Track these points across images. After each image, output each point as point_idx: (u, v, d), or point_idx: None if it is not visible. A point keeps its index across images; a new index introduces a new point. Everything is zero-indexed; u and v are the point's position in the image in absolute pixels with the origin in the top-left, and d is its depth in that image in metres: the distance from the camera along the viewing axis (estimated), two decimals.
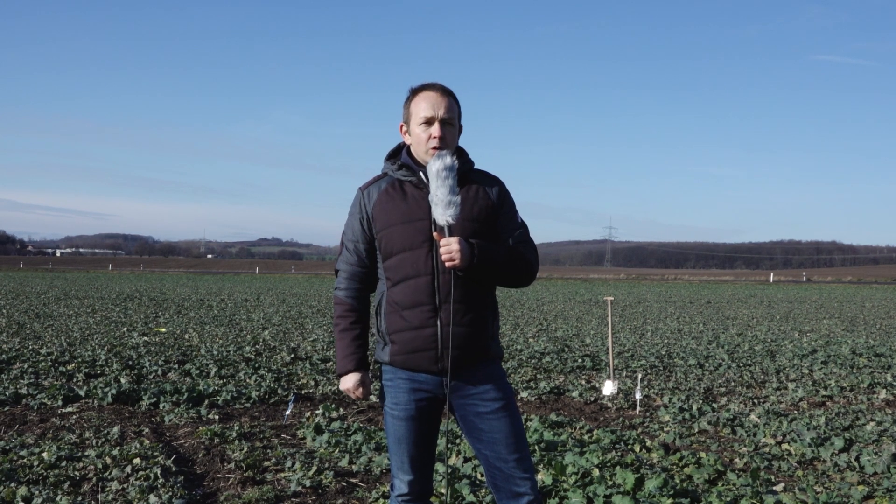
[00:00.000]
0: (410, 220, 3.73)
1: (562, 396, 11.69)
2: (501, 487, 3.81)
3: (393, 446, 3.85)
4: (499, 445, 3.77)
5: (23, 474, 6.78)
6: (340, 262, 3.97)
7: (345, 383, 3.95)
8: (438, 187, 3.62)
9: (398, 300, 3.76)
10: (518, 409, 3.94)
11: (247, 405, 10.50)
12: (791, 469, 7.59)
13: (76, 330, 20.28)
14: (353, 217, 3.88)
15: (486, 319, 3.81)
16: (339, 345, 3.97)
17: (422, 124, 3.74)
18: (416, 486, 3.84)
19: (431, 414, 3.83)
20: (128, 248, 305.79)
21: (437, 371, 3.74)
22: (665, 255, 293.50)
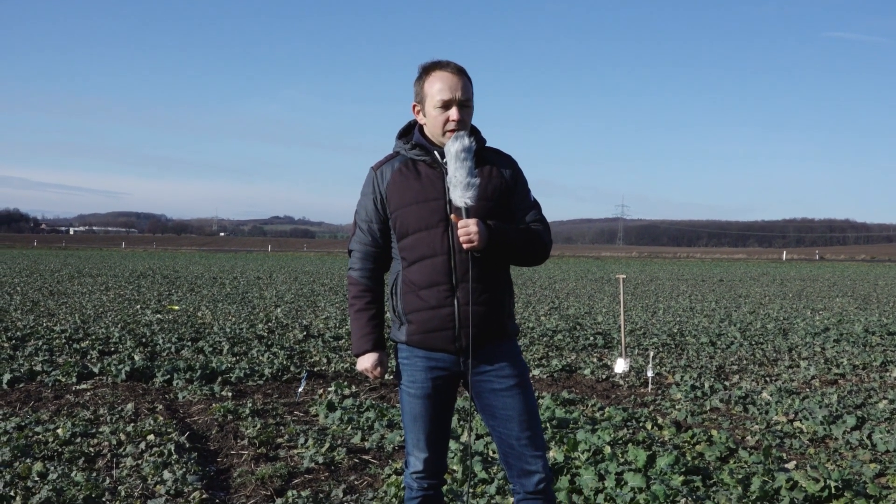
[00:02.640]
0: (426, 200, 3.72)
1: (573, 374, 11.71)
2: (513, 465, 3.83)
3: (409, 424, 3.87)
4: (512, 423, 3.78)
5: (38, 450, 6.83)
6: (354, 243, 3.96)
7: (362, 363, 3.96)
8: (457, 169, 3.62)
9: (414, 280, 3.76)
10: (532, 386, 3.95)
11: (259, 382, 10.54)
12: (803, 447, 7.60)
13: (90, 307, 20.37)
14: (367, 197, 3.86)
15: (503, 298, 3.83)
16: (355, 325, 3.97)
17: (438, 107, 3.71)
18: (431, 464, 3.86)
19: (447, 392, 3.85)
20: (140, 227, 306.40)
21: (454, 350, 3.74)
22: (677, 234, 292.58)
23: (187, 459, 6.68)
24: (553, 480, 3.93)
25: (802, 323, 19.75)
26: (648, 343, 15.16)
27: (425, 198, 3.72)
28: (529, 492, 3.83)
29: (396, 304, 3.86)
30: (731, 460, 6.99)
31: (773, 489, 5.92)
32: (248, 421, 8.15)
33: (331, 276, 42.88)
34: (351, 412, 8.46)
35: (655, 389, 10.54)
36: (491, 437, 3.94)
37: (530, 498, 3.84)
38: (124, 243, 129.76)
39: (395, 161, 3.83)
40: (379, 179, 3.81)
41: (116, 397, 9.29)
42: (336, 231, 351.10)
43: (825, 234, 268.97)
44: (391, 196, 3.78)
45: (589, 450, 6.89)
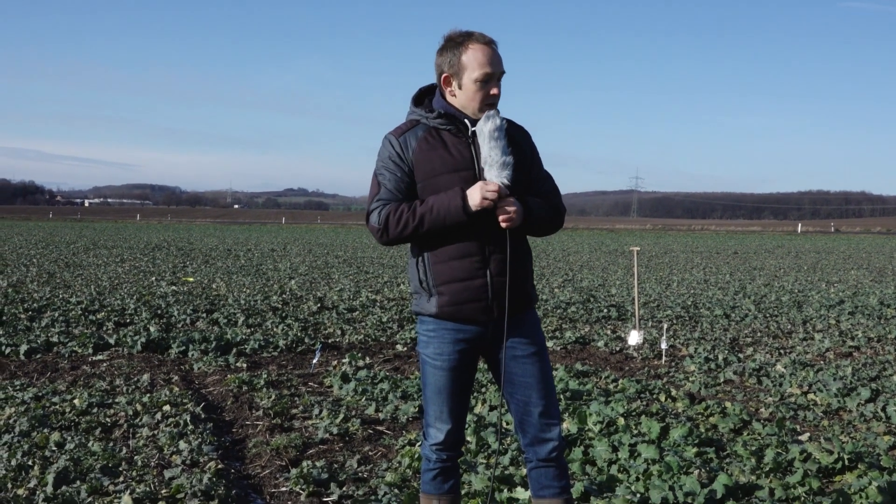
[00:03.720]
0: (456, 170, 3.68)
1: (587, 346, 11.72)
2: (528, 432, 3.85)
3: (432, 396, 3.85)
4: (530, 389, 3.81)
5: (55, 420, 6.89)
6: (376, 202, 3.76)
7: (473, 197, 3.60)
8: (492, 149, 3.61)
9: (446, 251, 3.71)
10: (548, 356, 3.97)
11: (274, 354, 10.59)
12: (817, 419, 7.60)
13: (105, 279, 20.46)
14: (391, 164, 3.74)
15: (528, 267, 3.87)
16: (428, 206, 3.64)
17: (478, 81, 3.66)
18: (451, 436, 3.86)
19: (471, 364, 3.86)
20: (155, 199, 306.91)
21: (484, 321, 3.74)
22: (692, 206, 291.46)
23: (203, 430, 6.72)
24: (566, 449, 3.94)
25: (817, 295, 19.69)
26: (662, 315, 15.15)
27: (455, 167, 3.69)
28: (542, 459, 3.86)
29: (425, 274, 3.78)
30: (744, 432, 7.00)
31: (786, 461, 5.93)
32: (262, 392, 8.19)
33: (345, 248, 42.94)
34: (365, 383, 8.49)
35: (669, 361, 10.54)
36: (507, 404, 3.93)
37: (542, 465, 3.87)
38: (139, 215, 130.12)
39: (418, 129, 3.76)
40: (403, 147, 3.73)
41: (132, 368, 9.35)
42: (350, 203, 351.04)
43: (841, 207, 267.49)
44: (419, 165, 3.71)
45: (602, 421, 6.90)
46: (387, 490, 5.32)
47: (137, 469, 5.70)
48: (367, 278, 22.78)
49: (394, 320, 13.65)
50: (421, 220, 3.63)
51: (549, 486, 3.88)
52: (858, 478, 5.59)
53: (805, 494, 5.32)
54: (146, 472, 5.66)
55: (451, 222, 3.62)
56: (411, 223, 3.64)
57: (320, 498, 5.38)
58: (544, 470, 3.87)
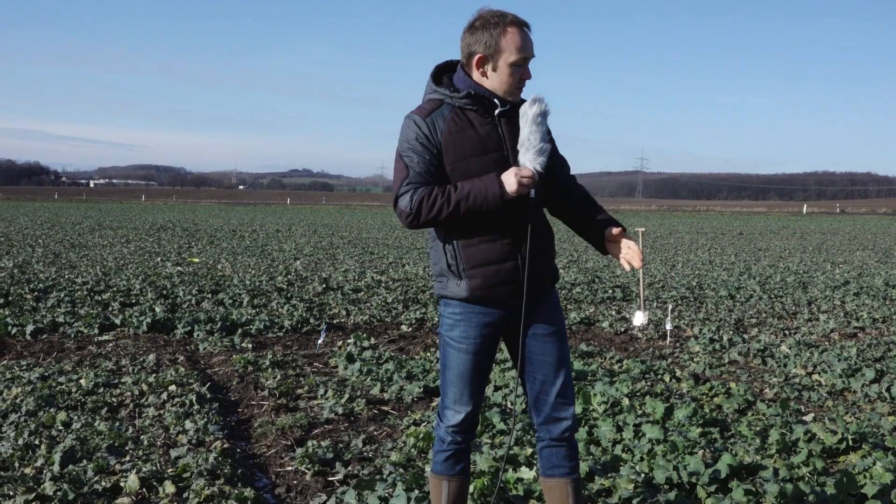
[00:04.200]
0: (486, 152, 3.65)
1: (592, 327, 11.73)
2: (542, 410, 3.84)
3: (453, 379, 3.82)
4: (548, 368, 3.80)
5: (61, 400, 6.92)
6: (405, 186, 3.67)
7: (509, 184, 3.56)
8: (532, 132, 3.60)
9: (477, 234, 3.68)
10: (567, 334, 3.97)
11: (279, 334, 10.61)
12: (821, 399, 7.60)
13: (111, 260, 20.49)
14: (419, 146, 3.65)
15: (552, 246, 3.89)
16: (466, 193, 3.59)
17: (516, 64, 3.63)
18: (468, 419, 3.85)
19: (494, 347, 3.85)
20: (160, 180, 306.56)
21: (513, 303, 3.73)
22: (697, 187, 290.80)
23: (208, 409, 6.75)
24: (577, 430, 3.94)
25: (822, 276, 19.67)
26: (667, 296, 15.15)
27: (485, 150, 3.65)
28: (555, 438, 3.86)
29: (455, 258, 3.72)
30: (749, 412, 7.01)
31: (790, 441, 5.94)
32: (268, 372, 8.21)
33: (349, 228, 42.95)
34: (370, 364, 8.51)
35: (674, 342, 10.55)
36: (522, 383, 3.91)
37: (555, 445, 3.87)
38: (144, 196, 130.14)
39: (444, 109, 3.70)
40: (432, 128, 3.65)
41: (138, 348, 9.37)
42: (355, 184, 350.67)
43: (846, 188, 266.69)
44: (449, 147, 3.65)
45: (607, 402, 6.92)
46: (392, 469, 5.34)
47: (143, 448, 5.73)
48: (372, 259, 22.79)
49: (399, 301, 13.66)
50: (457, 207, 3.58)
51: (560, 466, 3.88)
52: (863, 458, 5.60)
53: (809, 474, 5.33)
54: (152, 451, 5.68)
55: (487, 209, 3.59)
56: (446, 209, 3.59)
57: (325, 477, 5.40)
58: (556, 449, 3.87)
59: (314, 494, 5.07)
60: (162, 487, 4.95)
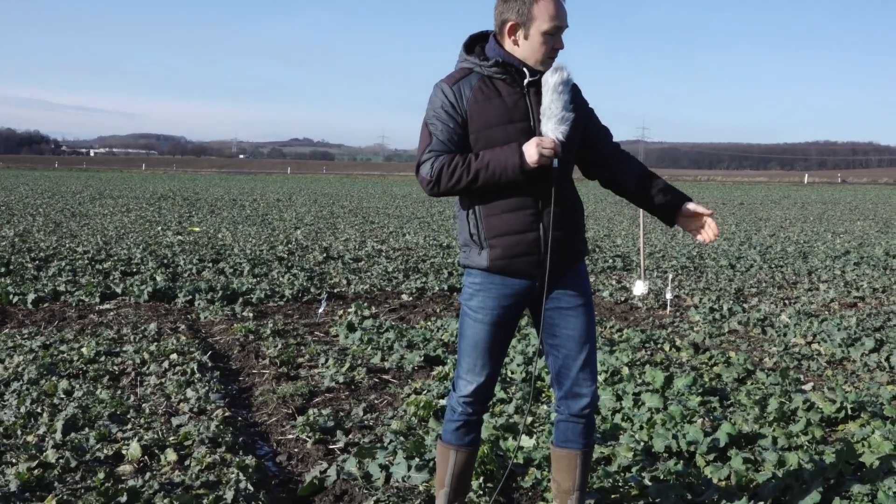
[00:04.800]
0: (511, 121, 3.61)
1: (592, 296, 11.72)
2: (564, 385, 3.82)
3: (468, 349, 3.80)
4: (572, 342, 3.77)
5: (63, 368, 6.94)
6: (428, 153, 3.68)
7: (530, 154, 3.53)
8: (553, 101, 3.56)
9: (500, 204, 3.65)
10: (594, 310, 3.94)
11: (280, 303, 10.64)
12: (820, 369, 7.63)
13: (111, 229, 20.50)
14: (444, 114, 3.64)
15: (580, 220, 3.81)
16: (486, 163, 3.57)
17: (548, 33, 3.58)
18: (481, 391, 3.82)
19: (513, 319, 3.81)
20: (160, 149, 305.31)
21: (535, 275, 3.70)
22: (698, 157, 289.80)
23: (210, 378, 6.77)
24: (597, 408, 3.90)
25: (823, 246, 19.67)
26: (667, 266, 15.16)
27: (511, 119, 3.61)
28: (574, 414, 3.83)
29: (476, 227, 3.69)
30: (748, 381, 7.03)
31: (789, 410, 5.97)
32: (269, 341, 8.24)
33: (350, 198, 42.92)
34: (371, 333, 8.53)
35: (674, 312, 10.57)
36: (545, 356, 3.89)
37: (573, 420, 3.85)
38: (144, 165, 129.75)
39: (472, 78, 3.67)
40: (458, 96, 3.63)
41: (139, 317, 9.39)
42: (355, 153, 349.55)
43: (848, 157, 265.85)
44: (474, 115, 3.62)
45: (607, 371, 6.94)
46: (392, 438, 5.36)
47: (145, 416, 5.75)
48: (372, 228, 22.80)
49: (399, 270, 13.67)
50: (475, 176, 3.57)
51: (574, 441, 3.87)
52: (861, 427, 5.62)
53: (808, 443, 5.35)
54: (154, 419, 5.71)
55: (506, 180, 3.56)
56: (465, 178, 3.58)
57: (326, 445, 5.43)
58: (573, 425, 3.85)
59: (315, 462, 5.10)
60: (164, 455, 4.98)
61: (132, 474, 4.72)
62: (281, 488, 4.75)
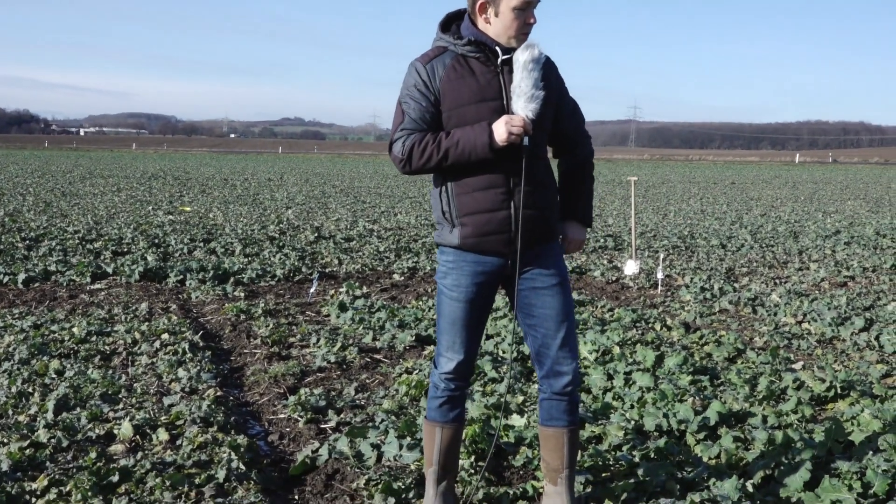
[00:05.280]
0: (483, 100, 3.62)
1: (584, 276, 11.76)
2: (545, 364, 3.85)
3: (445, 326, 3.84)
4: (549, 322, 3.79)
5: (54, 348, 6.93)
6: (399, 131, 3.71)
7: (499, 133, 3.54)
8: (523, 79, 3.55)
9: (471, 182, 3.67)
10: (571, 288, 3.96)
11: (272, 283, 10.63)
12: (810, 348, 7.66)
13: (102, 208, 20.44)
14: (417, 92, 3.67)
15: (553, 200, 3.82)
16: (455, 141, 3.59)
17: (518, 9, 3.58)
18: (462, 366, 3.86)
19: (488, 296, 3.84)
20: (151, 128, 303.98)
21: (506, 253, 3.72)
22: (690, 136, 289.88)
23: (201, 358, 6.77)
24: (580, 385, 3.94)
25: (813, 225, 19.73)
26: (659, 245, 15.19)
27: (483, 97, 3.62)
28: (556, 392, 3.86)
29: (448, 205, 3.72)
30: (738, 361, 7.06)
31: (779, 389, 5.99)
32: (260, 321, 8.24)
33: (342, 177, 42.84)
34: (362, 312, 8.54)
35: (665, 291, 10.59)
36: (524, 336, 3.92)
37: (556, 398, 3.88)
38: (135, 144, 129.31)
39: (446, 57, 3.68)
40: (430, 75, 3.65)
41: (130, 297, 9.38)
42: (347, 133, 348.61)
43: (839, 137, 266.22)
44: (446, 93, 3.64)
45: (598, 350, 6.96)
46: (384, 417, 5.37)
47: (137, 396, 5.75)
48: (364, 208, 22.77)
49: (391, 250, 13.67)
50: (446, 154, 3.59)
51: (559, 419, 3.89)
52: (851, 405, 5.65)
53: (798, 421, 5.38)
54: (145, 399, 5.71)
55: (476, 157, 3.58)
56: (435, 156, 3.61)
57: (318, 424, 5.44)
58: (556, 403, 3.88)
59: (307, 441, 5.11)
60: (155, 434, 4.98)
61: (124, 454, 4.72)
62: (272, 467, 4.76)
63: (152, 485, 4.21)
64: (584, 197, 3.97)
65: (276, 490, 4.45)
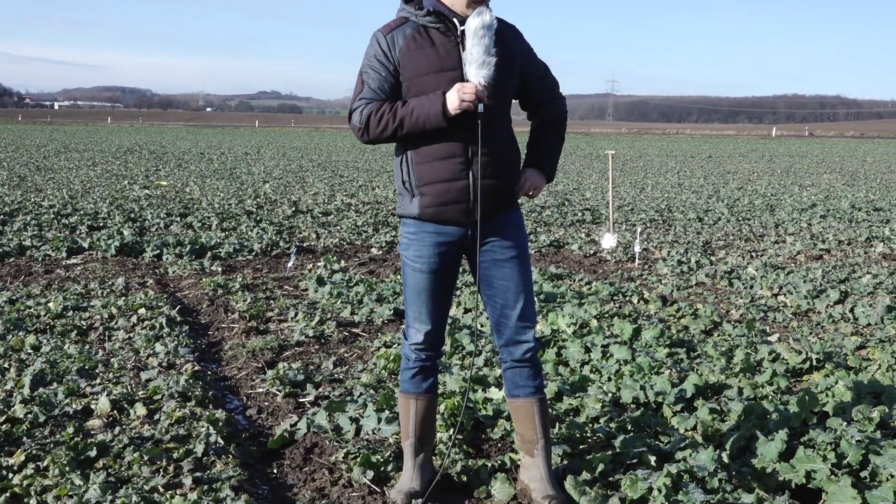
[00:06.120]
0: (442, 70, 3.62)
1: (561, 249, 11.79)
2: (504, 334, 3.90)
3: (412, 297, 3.88)
4: (508, 293, 3.83)
5: (30, 323, 6.89)
6: (358, 101, 3.74)
7: (451, 100, 3.54)
8: (474, 46, 3.55)
9: (429, 151, 3.67)
10: (530, 259, 3.99)
11: (249, 257, 10.60)
12: (786, 320, 7.71)
13: (77, 183, 20.28)
14: (377, 62, 3.69)
15: (513, 170, 3.82)
16: (410, 109, 3.60)
17: None
18: (430, 337, 3.90)
19: (452, 266, 3.86)
20: (126, 102, 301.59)
21: (466, 223, 3.73)
22: (667, 110, 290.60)
23: (179, 332, 6.75)
24: (540, 350, 3.98)
25: (790, 199, 19.83)
26: (636, 219, 15.23)
27: (441, 67, 3.62)
28: (516, 360, 3.91)
29: (408, 175, 3.74)
30: (715, 333, 7.10)
31: (755, 361, 6.03)
32: (238, 295, 8.21)
33: (319, 151, 42.66)
34: (340, 287, 8.52)
35: (642, 264, 10.63)
36: (484, 306, 3.96)
37: (517, 365, 3.93)
38: (110, 118, 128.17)
39: (407, 27, 3.68)
40: (390, 45, 3.66)
41: (107, 272, 9.33)
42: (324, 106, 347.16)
43: (815, 111, 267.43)
44: (405, 63, 3.65)
45: (576, 323, 6.98)
46: (362, 391, 5.38)
47: (114, 371, 5.73)
48: (341, 182, 22.70)
49: (369, 224, 13.65)
50: (401, 123, 3.61)
51: (524, 386, 3.93)
52: (825, 377, 5.70)
53: (773, 393, 5.42)
54: (123, 374, 5.69)
55: (430, 126, 3.59)
56: (391, 125, 3.62)
57: (296, 398, 5.44)
58: (519, 370, 3.93)
59: (285, 415, 5.11)
60: (133, 409, 4.97)
61: (101, 429, 4.71)
62: (251, 441, 4.76)
63: (130, 459, 4.21)
64: (548, 148, 3.98)
65: (255, 464, 4.46)
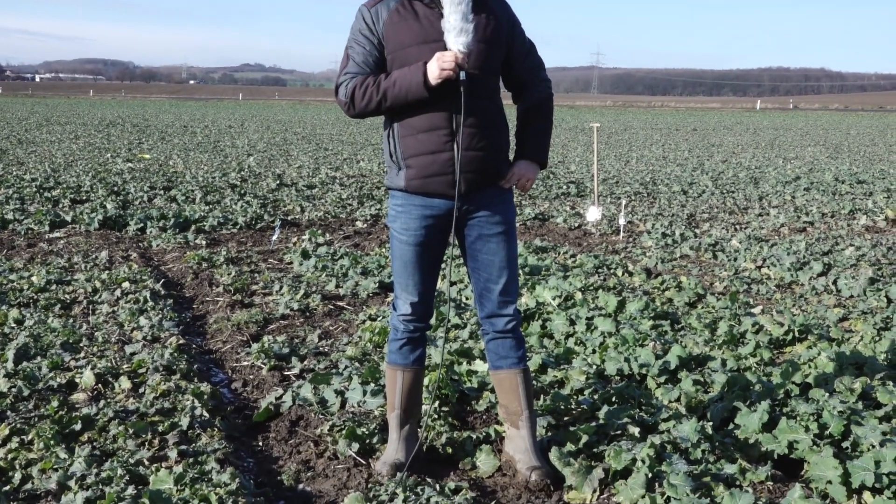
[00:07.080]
0: (426, 42, 3.61)
1: (546, 222, 11.80)
2: (486, 307, 3.93)
3: (399, 269, 3.90)
4: (492, 267, 3.86)
5: (13, 297, 6.86)
6: (344, 75, 3.75)
7: (431, 71, 3.53)
8: (451, 13, 3.54)
9: (413, 123, 3.68)
10: (516, 234, 4.00)
11: (233, 231, 10.57)
12: (770, 292, 7.75)
13: (60, 156, 20.14)
14: (361, 36, 3.71)
15: (500, 143, 3.82)
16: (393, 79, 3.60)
17: None
18: (418, 308, 3.92)
19: (440, 239, 3.87)
20: (108, 74, 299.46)
21: (451, 196, 3.72)
22: (653, 83, 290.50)
23: (163, 306, 6.74)
24: (522, 323, 3.99)
25: (774, 172, 19.88)
26: (621, 192, 15.24)
27: (425, 39, 3.62)
28: (498, 331, 3.95)
29: (394, 147, 3.75)
30: (699, 305, 7.13)
31: (739, 333, 6.06)
32: (222, 268, 8.19)
33: (303, 124, 42.49)
34: (325, 260, 8.52)
35: (627, 237, 10.65)
36: (468, 278, 3.98)
37: (499, 336, 3.96)
38: (92, 91, 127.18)
39: (391, 1, 3.68)
40: (374, 18, 3.67)
41: (90, 245, 9.29)
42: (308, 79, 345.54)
43: (800, 83, 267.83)
44: (389, 36, 3.66)
45: (560, 296, 6.99)
46: (348, 364, 5.38)
47: (98, 345, 5.72)
48: (326, 155, 22.63)
49: (353, 197, 13.62)
50: (384, 95, 3.61)
51: (507, 357, 3.96)
52: (808, 349, 5.73)
53: (756, 365, 5.45)
54: (107, 347, 5.68)
55: (412, 97, 3.59)
56: (375, 97, 3.63)
57: (282, 372, 5.45)
58: (501, 341, 3.95)
59: (270, 388, 5.11)
60: (118, 383, 4.96)
61: (86, 402, 4.70)
62: (236, 414, 4.76)
63: (115, 433, 4.20)
64: (536, 136, 3.95)
65: (240, 437, 4.46)
